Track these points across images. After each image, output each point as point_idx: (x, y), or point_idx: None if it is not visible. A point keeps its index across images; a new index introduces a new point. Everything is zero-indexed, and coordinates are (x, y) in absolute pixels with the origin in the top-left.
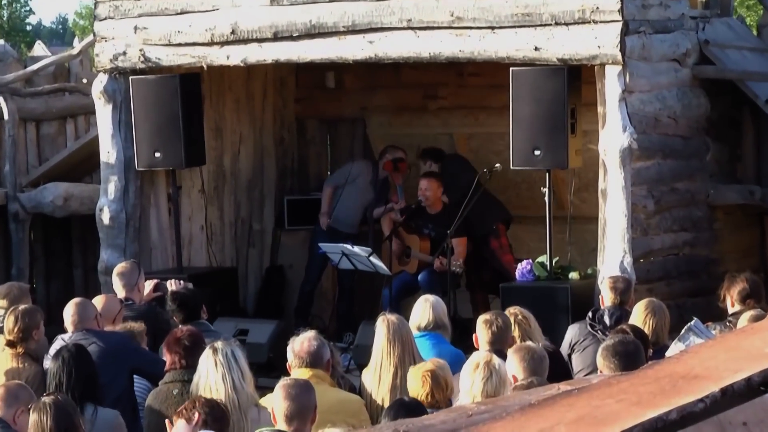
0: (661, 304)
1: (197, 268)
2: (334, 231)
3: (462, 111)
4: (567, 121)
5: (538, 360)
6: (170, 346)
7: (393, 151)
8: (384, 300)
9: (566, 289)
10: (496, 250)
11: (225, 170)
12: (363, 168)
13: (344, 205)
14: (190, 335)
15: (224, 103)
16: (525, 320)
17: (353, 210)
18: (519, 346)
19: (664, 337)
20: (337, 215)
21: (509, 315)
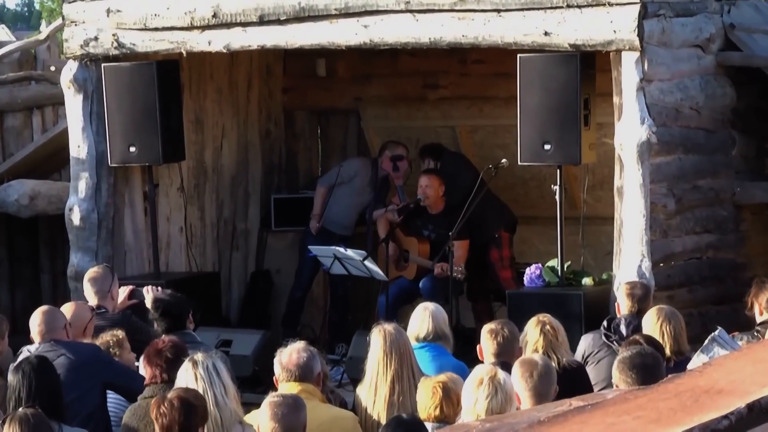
0: (672, 309)
1: (176, 273)
2: (327, 232)
3: (465, 102)
4: (580, 113)
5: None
6: (151, 359)
7: (393, 147)
8: (380, 308)
9: (579, 296)
10: (495, 263)
11: (206, 166)
12: (360, 166)
13: (338, 205)
14: (172, 346)
15: (205, 93)
16: (553, 331)
17: (348, 210)
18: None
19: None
20: (330, 216)
21: (537, 322)
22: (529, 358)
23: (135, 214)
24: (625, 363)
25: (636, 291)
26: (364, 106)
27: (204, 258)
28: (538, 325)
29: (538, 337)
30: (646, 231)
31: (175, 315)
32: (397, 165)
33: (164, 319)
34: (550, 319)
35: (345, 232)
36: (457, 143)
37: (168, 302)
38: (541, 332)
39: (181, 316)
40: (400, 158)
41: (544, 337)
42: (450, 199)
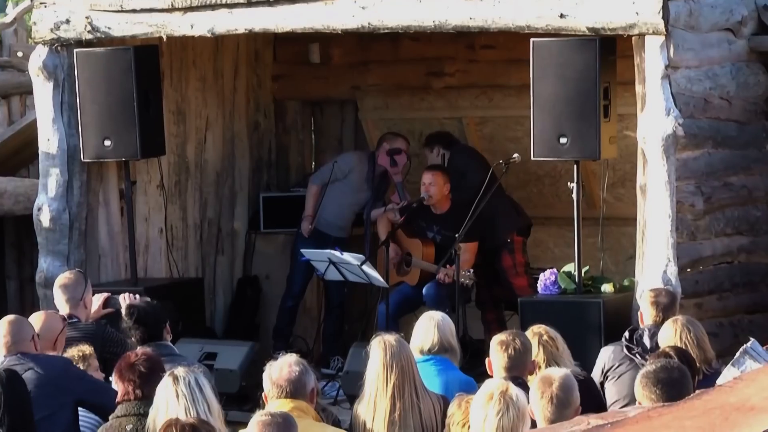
0: (688, 317)
1: (155, 279)
2: (320, 234)
3: (473, 91)
4: (599, 103)
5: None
6: (123, 373)
7: (391, 140)
8: (379, 317)
9: (598, 304)
10: (508, 270)
11: (188, 162)
12: (356, 161)
13: (333, 204)
14: (146, 359)
15: (187, 81)
16: (551, 342)
17: (343, 210)
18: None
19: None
20: (325, 216)
21: (533, 335)
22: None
23: (110, 215)
24: (648, 378)
25: (661, 299)
26: (362, 95)
27: (186, 263)
28: (534, 338)
29: (538, 350)
30: (671, 233)
31: (151, 324)
32: (395, 159)
33: (138, 328)
34: (545, 329)
35: (340, 233)
36: (465, 136)
37: (143, 309)
38: (539, 344)
39: (157, 325)
40: (398, 152)
41: (543, 349)
42: (458, 197)
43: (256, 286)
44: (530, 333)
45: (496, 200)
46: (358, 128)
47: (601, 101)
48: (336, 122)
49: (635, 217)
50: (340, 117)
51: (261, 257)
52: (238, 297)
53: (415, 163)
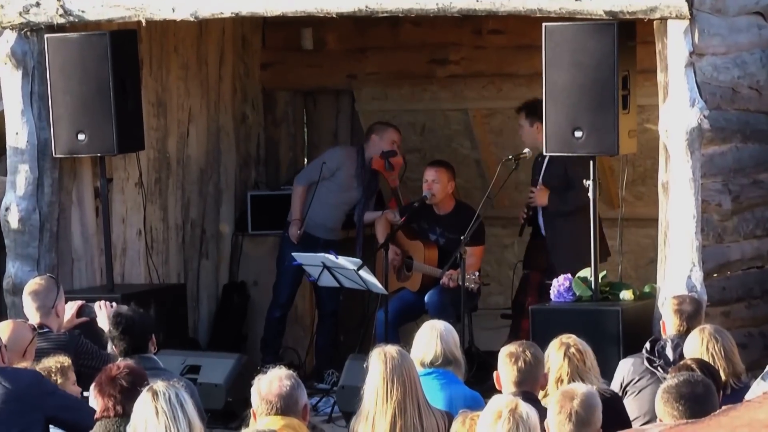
0: (716, 326)
1: (133, 285)
2: (309, 238)
3: (480, 80)
4: (617, 94)
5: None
6: (103, 387)
7: (382, 132)
8: (378, 327)
9: (616, 312)
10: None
11: (170, 157)
12: (344, 156)
13: (321, 205)
14: (129, 373)
15: (168, 69)
16: (579, 355)
17: (333, 210)
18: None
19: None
20: (312, 217)
21: (559, 345)
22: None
23: (84, 215)
24: (670, 392)
25: (685, 307)
26: (359, 85)
27: (167, 267)
28: (561, 348)
29: (562, 363)
30: (696, 234)
31: (137, 334)
32: (391, 162)
33: (124, 338)
34: (575, 340)
35: (330, 235)
36: (471, 129)
37: (131, 318)
38: (565, 356)
39: (143, 336)
40: (393, 154)
41: (569, 362)
42: (560, 205)
43: (243, 292)
44: (557, 343)
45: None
46: (354, 120)
47: (620, 91)
48: (330, 114)
49: (657, 218)
50: (335, 108)
51: (249, 261)
52: (224, 305)
53: (417, 158)
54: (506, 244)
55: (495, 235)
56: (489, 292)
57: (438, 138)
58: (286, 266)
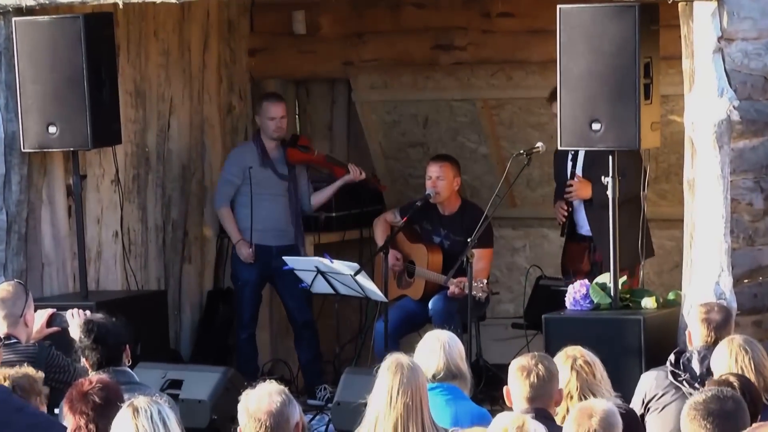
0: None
1: (109, 292)
2: (260, 250)
3: (488, 67)
4: (638, 82)
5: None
6: (74, 404)
7: (259, 110)
8: (377, 338)
9: (638, 322)
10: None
11: (149, 152)
12: (243, 153)
13: (259, 210)
14: (102, 388)
15: (148, 56)
16: (588, 368)
17: (271, 212)
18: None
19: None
20: (259, 228)
21: (565, 358)
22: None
23: (56, 215)
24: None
25: (713, 315)
26: (356, 73)
27: (146, 273)
28: (567, 362)
29: (570, 377)
30: (725, 236)
31: (111, 344)
32: (301, 146)
33: (96, 348)
34: (581, 351)
35: (284, 240)
36: (478, 122)
37: (103, 326)
38: (572, 370)
39: (117, 346)
40: (295, 139)
41: (576, 375)
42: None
43: (229, 300)
44: (563, 356)
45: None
46: (351, 112)
47: (642, 80)
48: (325, 105)
49: (682, 218)
50: (330, 99)
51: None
52: (209, 313)
53: (419, 153)
54: (517, 247)
55: (504, 237)
56: (498, 300)
57: (442, 131)
58: (240, 284)
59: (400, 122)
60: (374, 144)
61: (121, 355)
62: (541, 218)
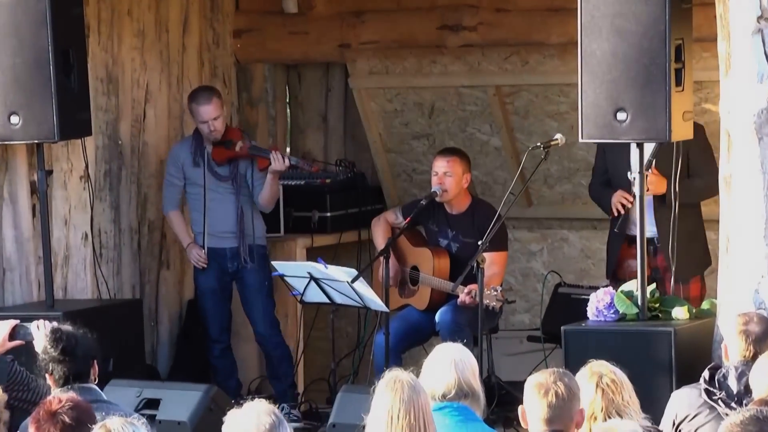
0: None
1: (78, 301)
2: (213, 254)
3: (501, 50)
4: (669, 67)
5: None
6: (41, 425)
7: (192, 110)
8: (377, 352)
9: (668, 334)
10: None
11: (122, 145)
12: (178, 151)
13: (210, 211)
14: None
15: (121, 37)
16: (615, 386)
17: (218, 213)
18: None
19: None
20: (213, 229)
21: (590, 374)
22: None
23: (18, 216)
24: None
25: (752, 327)
26: (354, 56)
27: (119, 279)
28: (593, 379)
29: (594, 396)
30: (766, 239)
31: (80, 358)
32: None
33: (65, 361)
34: (609, 368)
35: (233, 242)
36: (490, 111)
37: (74, 337)
38: (597, 388)
39: (86, 360)
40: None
41: (602, 395)
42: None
43: None
44: (587, 372)
45: None
46: (348, 100)
47: (672, 64)
48: (319, 92)
49: (717, 218)
50: (324, 85)
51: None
52: (189, 325)
53: (424, 146)
54: (533, 251)
55: (519, 240)
56: (513, 310)
57: (450, 121)
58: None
59: (402, 111)
60: (374, 136)
61: (89, 371)
62: (560, 219)
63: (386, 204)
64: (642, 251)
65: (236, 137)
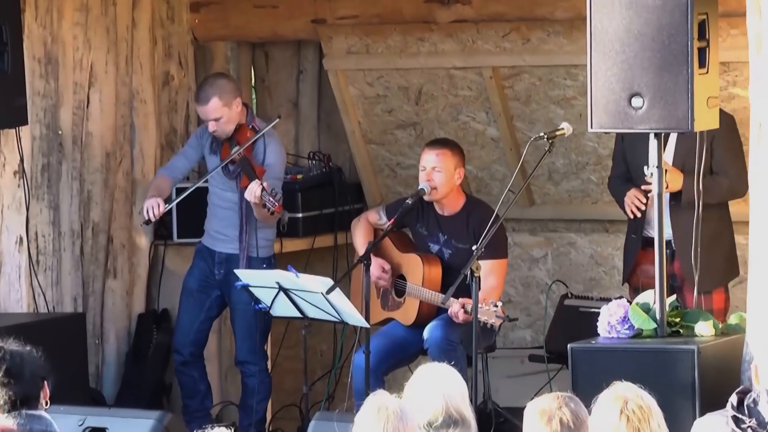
0: None
1: (11, 315)
2: (207, 252)
3: (499, 26)
4: (691, 46)
5: None
6: None
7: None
8: (355, 373)
9: (690, 353)
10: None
11: (63, 136)
12: (208, 133)
13: (215, 208)
14: None
15: (61, 12)
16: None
17: (230, 213)
18: None
19: None
20: (211, 226)
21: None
22: None
23: None
24: None
25: None
26: (329, 33)
27: (59, 290)
28: (617, 402)
29: (618, 423)
30: None
31: (26, 380)
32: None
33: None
34: (636, 392)
35: (228, 247)
36: (486, 97)
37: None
38: (621, 414)
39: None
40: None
41: (627, 422)
42: (702, 193)
43: (165, 324)
44: (610, 395)
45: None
46: (323, 84)
47: (695, 43)
48: (289, 75)
49: (747, 220)
50: (296, 66)
51: (173, 281)
52: (139, 342)
53: (410, 137)
54: (536, 257)
55: (520, 244)
56: (512, 325)
57: (440, 108)
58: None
59: (385, 97)
60: (352, 125)
61: (39, 393)
62: (566, 220)
63: (366, 203)
64: (660, 257)
65: (243, 138)
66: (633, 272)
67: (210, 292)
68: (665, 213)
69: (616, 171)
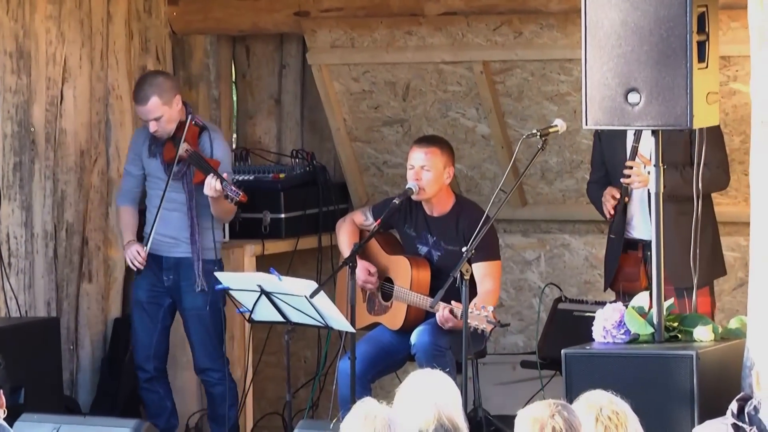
0: None
1: None
2: (153, 260)
3: (490, 19)
4: (690, 39)
5: None
6: None
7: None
8: (341, 381)
9: (688, 359)
10: None
11: (35, 133)
12: (141, 137)
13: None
14: None
15: (34, 4)
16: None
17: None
18: None
19: None
20: (158, 230)
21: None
22: None
23: None
24: None
25: None
26: (313, 26)
27: (31, 294)
28: (591, 411)
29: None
30: None
31: None
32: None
33: None
34: (609, 398)
35: (178, 251)
36: (476, 92)
37: None
38: (597, 422)
39: None
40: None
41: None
42: (682, 184)
43: None
44: (583, 404)
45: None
46: (306, 79)
47: (694, 36)
48: (271, 69)
49: (748, 221)
50: (278, 60)
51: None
52: (115, 348)
53: (398, 134)
54: (529, 259)
55: (512, 246)
56: (504, 330)
57: (429, 104)
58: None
59: (371, 93)
60: (337, 121)
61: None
62: (560, 221)
63: (352, 203)
64: (658, 257)
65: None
66: (615, 278)
67: (161, 301)
68: (644, 210)
69: (595, 176)
